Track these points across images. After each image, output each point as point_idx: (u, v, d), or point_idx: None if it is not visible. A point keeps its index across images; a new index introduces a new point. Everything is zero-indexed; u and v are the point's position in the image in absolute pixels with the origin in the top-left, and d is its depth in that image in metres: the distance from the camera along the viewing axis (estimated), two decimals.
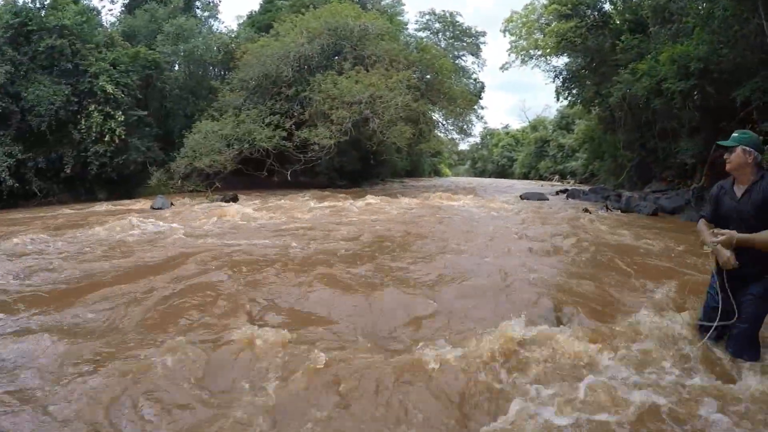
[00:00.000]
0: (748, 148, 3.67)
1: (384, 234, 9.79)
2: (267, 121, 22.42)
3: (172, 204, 17.04)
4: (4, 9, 19.14)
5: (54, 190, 19.86)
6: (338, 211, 14.79)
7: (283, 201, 17.93)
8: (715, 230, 3.76)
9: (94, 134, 19.52)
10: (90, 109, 19.61)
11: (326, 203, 16.73)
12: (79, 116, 19.71)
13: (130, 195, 20.97)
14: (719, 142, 3.95)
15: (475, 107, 37.05)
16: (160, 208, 16.03)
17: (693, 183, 16.54)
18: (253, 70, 24.08)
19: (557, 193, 26.09)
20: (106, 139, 19.62)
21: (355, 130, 22.52)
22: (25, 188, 18.87)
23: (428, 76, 27.80)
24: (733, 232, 3.61)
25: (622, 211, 16.10)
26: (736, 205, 3.76)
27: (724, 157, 3.81)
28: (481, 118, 42.57)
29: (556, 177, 46.53)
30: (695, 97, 15.24)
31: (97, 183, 20.82)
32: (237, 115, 22.94)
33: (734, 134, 3.81)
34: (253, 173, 23.56)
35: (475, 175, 71.71)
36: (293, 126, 22.67)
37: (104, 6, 29.35)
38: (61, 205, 18.41)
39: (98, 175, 20.37)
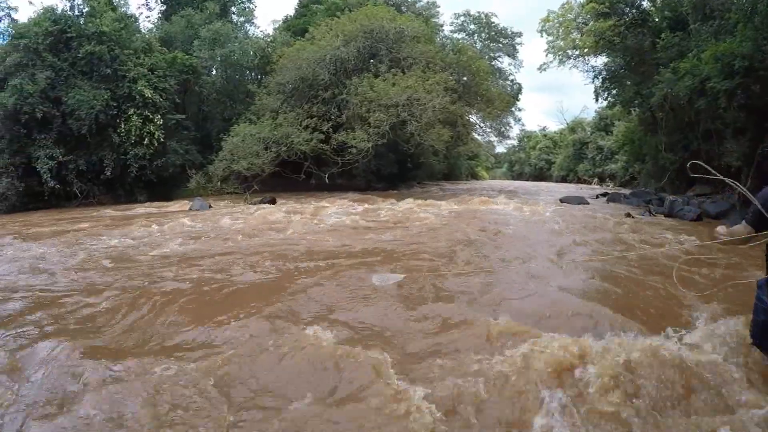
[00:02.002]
0: None
1: (427, 242, 9.58)
2: (304, 124, 22.46)
3: (210, 206, 17.21)
4: (44, 17, 19.64)
5: (94, 191, 20.45)
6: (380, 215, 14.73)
7: (318, 204, 17.95)
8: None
9: (133, 137, 20.01)
10: (129, 113, 20.13)
11: (361, 207, 16.75)
12: (118, 120, 20.21)
13: (169, 197, 21.33)
14: None
15: (513, 109, 36.77)
16: (199, 210, 16.24)
17: None
18: (289, 73, 24.18)
19: (597, 196, 25.54)
20: (145, 142, 20.13)
21: (393, 133, 22.42)
22: (66, 189, 19.54)
23: (465, 78, 27.59)
24: None
25: (665, 216, 15.45)
26: None
27: None
28: (519, 120, 42.10)
29: (596, 180, 45.76)
30: (739, 97, 14.68)
31: (137, 185, 21.26)
32: (274, 119, 23.06)
33: None
34: (290, 176, 23.62)
35: (513, 178, 70.99)
36: (330, 129, 22.64)
37: (141, 13, 30.09)
38: (101, 206, 18.94)
39: (138, 178, 20.84)
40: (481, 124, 35.35)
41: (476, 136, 37.19)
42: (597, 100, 29.61)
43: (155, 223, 12.24)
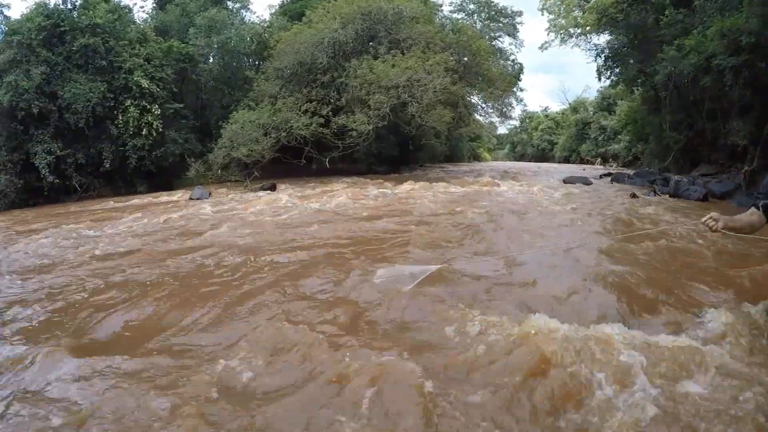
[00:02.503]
0: None
1: (434, 227, 9.37)
2: (303, 108, 22.15)
3: (210, 194, 17.15)
4: (36, 12, 19.42)
5: (94, 184, 20.33)
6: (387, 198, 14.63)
7: (319, 189, 17.93)
8: None
9: (131, 128, 19.86)
10: (126, 104, 19.96)
11: (362, 190, 16.62)
12: (115, 112, 20.09)
13: (170, 187, 21.24)
14: None
15: (514, 89, 36.42)
16: (199, 198, 16.15)
17: (744, 166, 15.73)
18: (287, 58, 23.86)
19: (600, 177, 25.59)
20: (143, 132, 19.97)
21: (393, 115, 22.17)
22: (65, 184, 19.39)
23: (465, 59, 27.19)
24: None
25: (670, 196, 15.34)
26: None
27: None
28: (521, 100, 41.62)
29: (598, 160, 45.54)
30: (746, 74, 14.40)
31: (137, 176, 21.15)
32: (273, 104, 22.78)
33: None
34: (291, 161, 23.43)
35: (515, 159, 70.82)
36: (330, 113, 22.37)
37: (135, 3, 29.67)
38: (101, 198, 18.86)
39: (137, 169, 20.72)
40: (483, 105, 34.93)
41: (478, 117, 36.84)
42: (600, 79, 29.32)
43: (147, 215, 12.11)
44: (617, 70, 27.90)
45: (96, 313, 4.71)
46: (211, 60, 27.58)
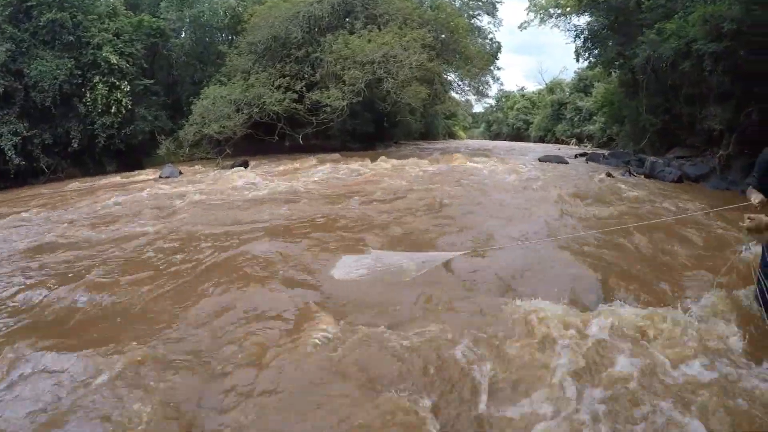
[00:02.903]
0: None
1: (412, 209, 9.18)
2: (277, 84, 21.77)
3: (180, 173, 16.73)
4: None
5: (62, 165, 19.49)
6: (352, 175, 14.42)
7: (291, 165, 17.69)
8: None
9: (100, 106, 19.09)
10: (95, 81, 19.16)
11: (331, 167, 16.42)
12: (83, 89, 19.27)
13: (140, 166, 20.56)
14: None
15: (492, 68, 36.17)
16: (169, 177, 15.78)
17: (720, 150, 15.81)
18: (261, 32, 23.31)
19: (576, 156, 25.72)
20: (112, 110, 19.21)
21: (369, 91, 21.99)
22: (32, 165, 18.53)
23: (443, 36, 26.93)
24: None
25: (645, 177, 15.79)
26: None
27: None
28: (498, 79, 41.56)
29: (573, 140, 45.55)
30: (726, 61, 14.32)
31: (106, 155, 20.41)
32: (246, 80, 22.36)
33: None
34: (264, 138, 22.98)
35: (490, 138, 70.58)
36: (304, 88, 22.06)
37: None
38: (69, 179, 18.07)
39: (106, 147, 20.00)
40: (459, 83, 34.84)
41: (454, 94, 36.78)
42: (578, 60, 29.14)
43: (103, 197, 11.64)
44: (596, 51, 27.70)
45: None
46: (183, 35, 26.67)
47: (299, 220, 7.75)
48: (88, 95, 19.14)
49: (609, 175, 15.57)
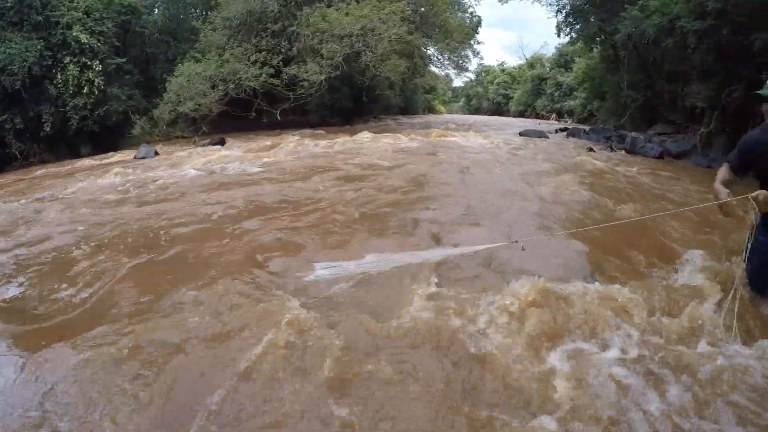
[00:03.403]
0: None
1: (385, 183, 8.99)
2: (253, 59, 21.28)
3: (156, 153, 16.27)
4: None
5: (34, 149, 18.77)
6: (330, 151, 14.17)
7: (268, 142, 17.46)
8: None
9: (71, 87, 18.40)
10: (65, 61, 18.43)
11: (314, 142, 16.23)
12: (54, 71, 18.52)
13: (115, 147, 19.81)
14: (758, 92, 3.31)
15: (472, 42, 35.84)
16: (144, 158, 15.36)
17: (701, 128, 15.84)
18: (236, 6, 22.62)
19: (556, 131, 25.84)
20: (84, 91, 18.53)
21: (347, 66, 21.72)
22: (5, 151, 17.92)
23: (423, 9, 26.53)
24: None
25: (626, 152, 16.01)
26: None
27: (763, 109, 3.30)
28: (478, 53, 41.30)
29: (554, 116, 45.62)
30: (710, 39, 14.18)
31: (79, 138, 19.71)
32: (221, 55, 21.83)
33: None
34: (241, 114, 22.57)
35: (470, 113, 70.42)
36: (281, 63, 21.57)
37: None
38: (43, 165, 17.32)
39: (79, 130, 19.25)
40: (439, 57, 34.63)
41: (434, 68, 36.58)
42: (559, 35, 29.00)
43: (70, 181, 11.20)
44: (577, 27, 27.52)
45: None
46: (155, 11, 25.99)
47: (273, 202, 7.47)
48: (59, 77, 18.44)
49: (591, 150, 15.75)
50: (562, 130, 26.36)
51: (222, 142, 18.32)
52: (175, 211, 7.09)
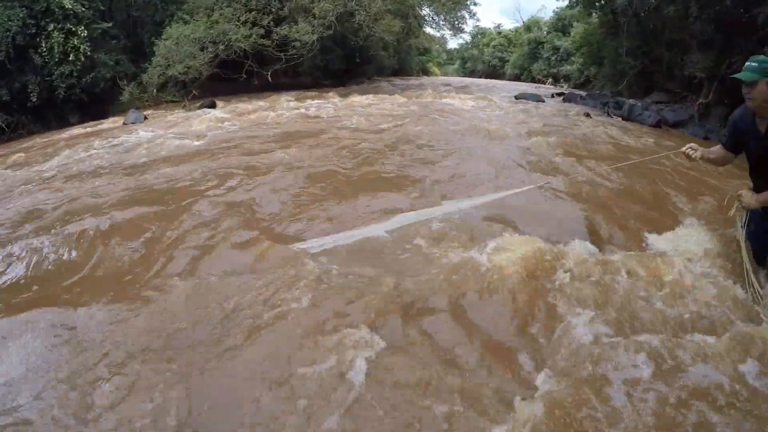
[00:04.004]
0: None
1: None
2: (242, 19, 20.80)
3: (145, 117, 16.08)
4: None
5: (23, 121, 18.26)
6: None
7: (259, 104, 17.47)
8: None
9: (57, 55, 17.80)
10: (49, 29, 17.79)
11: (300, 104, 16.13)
12: (38, 39, 17.89)
13: (104, 115, 19.42)
14: (735, 76, 3.29)
15: (467, 2, 35.23)
16: (134, 123, 15.15)
17: (699, 98, 15.69)
18: None
19: (552, 96, 25.60)
20: (70, 58, 17.94)
21: (340, 25, 21.35)
22: None
23: None
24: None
25: (623, 119, 15.85)
26: (759, 141, 3.44)
27: (744, 91, 3.28)
28: (474, 14, 40.49)
29: (550, 80, 45.17)
30: (712, 9, 13.88)
31: (67, 107, 19.16)
32: (209, 16, 21.27)
33: (751, 63, 3.27)
34: (232, 77, 22.13)
35: (465, 75, 69.80)
36: (272, 23, 21.14)
37: None
38: (31, 136, 17.04)
39: (67, 99, 18.71)
40: (434, 17, 34.06)
41: (429, 29, 36.16)
42: None
43: (58, 151, 10.88)
44: None
45: None
46: None
47: (267, 164, 7.32)
48: (43, 45, 17.83)
49: (587, 115, 15.71)
50: (558, 94, 26.11)
51: (213, 105, 18.08)
52: (166, 175, 6.93)
